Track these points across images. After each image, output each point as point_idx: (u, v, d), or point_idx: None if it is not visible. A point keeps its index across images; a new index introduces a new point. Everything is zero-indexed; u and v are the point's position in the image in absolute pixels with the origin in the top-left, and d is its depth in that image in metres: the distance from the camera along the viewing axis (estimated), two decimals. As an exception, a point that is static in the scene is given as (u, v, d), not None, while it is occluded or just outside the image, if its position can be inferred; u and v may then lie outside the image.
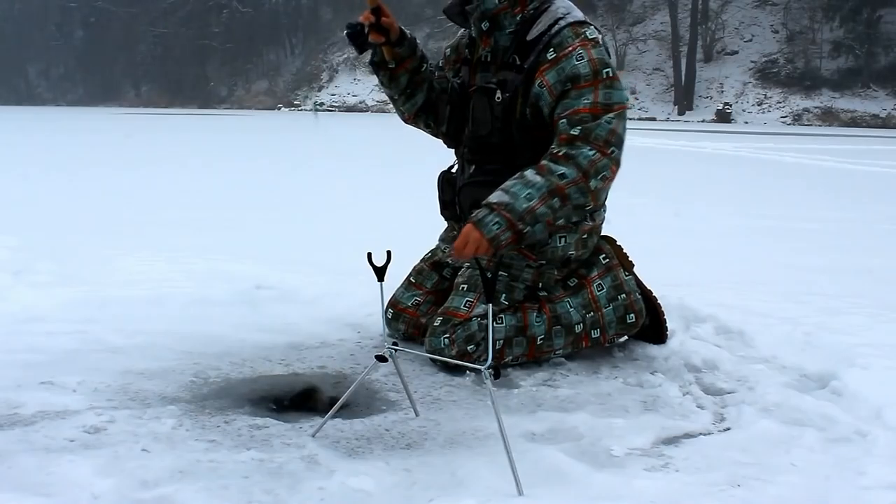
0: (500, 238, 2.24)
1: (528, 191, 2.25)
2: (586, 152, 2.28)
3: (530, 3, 2.45)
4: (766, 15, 46.62)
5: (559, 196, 2.27)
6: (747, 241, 5.34)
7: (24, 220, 5.49)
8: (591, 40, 2.36)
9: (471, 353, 2.40)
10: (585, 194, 2.30)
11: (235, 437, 1.88)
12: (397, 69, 2.62)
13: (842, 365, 2.34)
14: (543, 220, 2.27)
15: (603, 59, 2.35)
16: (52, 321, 2.78)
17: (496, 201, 2.25)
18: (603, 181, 2.32)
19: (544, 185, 2.26)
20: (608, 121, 2.31)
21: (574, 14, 2.43)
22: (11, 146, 14.87)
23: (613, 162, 2.32)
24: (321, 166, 11.42)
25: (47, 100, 70.46)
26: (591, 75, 2.32)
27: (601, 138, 2.29)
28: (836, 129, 32.55)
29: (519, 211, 2.23)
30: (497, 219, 2.23)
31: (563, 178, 2.27)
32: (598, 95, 2.31)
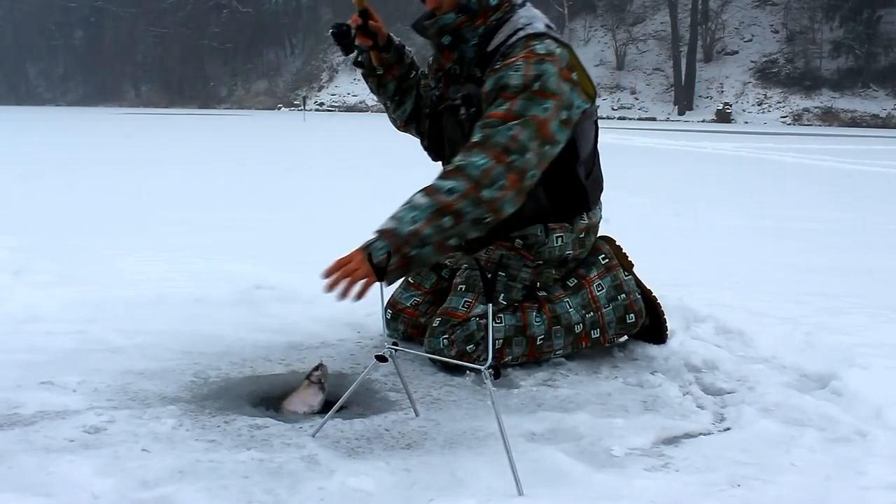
0: (388, 263, 2.05)
1: (413, 213, 2.10)
2: (477, 161, 2.15)
3: (492, 13, 2.40)
4: (766, 15, 46.62)
5: (450, 214, 2.11)
6: (747, 241, 5.34)
7: (24, 220, 5.49)
8: (538, 55, 2.27)
9: (470, 353, 2.40)
10: (479, 206, 2.13)
11: (235, 437, 1.88)
12: (385, 76, 2.62)
13: (842, 365, 2.34)
14: (432, 241, 2.10)
15: (539, 74, 2.24)
16: (52, 321, 2.78)
17: (381, 228, 2.12)
18: (500, 190, 2.15)
19: (430, 206, 2.10)
20: (510, 127, 2.18)
21: (534, 25, 2.36)
22: (11, 146, 14.87)
23: (513, 171, 2.16)
24: (321, 166, 11.42)
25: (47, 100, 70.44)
26: (518, 87, 2.24)
27: (499, 145, 2.17)
28: (836, 129, 32.55)
29: (403, 235, 2.07)
30: (384, 243, 2.06)
31: (451, 193, 2.12)
32: (514, 104, 2.23)
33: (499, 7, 2.40)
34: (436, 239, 2.11)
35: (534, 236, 2.45)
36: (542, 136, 2.22)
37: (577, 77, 2.36)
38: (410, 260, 2.10)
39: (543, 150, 2.23)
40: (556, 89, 2.25)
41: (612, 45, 47.96)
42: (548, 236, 2.45)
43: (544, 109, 2.23)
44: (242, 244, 4.53)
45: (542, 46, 2.30)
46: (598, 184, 2.57)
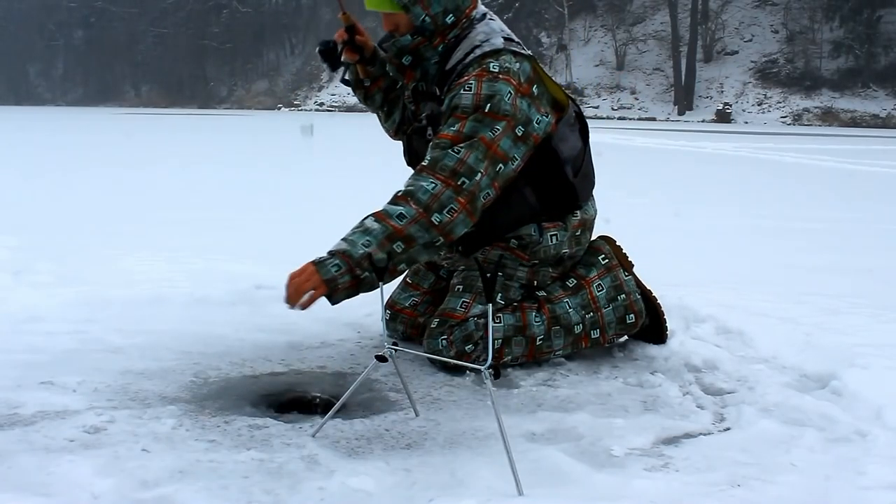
0: (338, 280, 2.11)
1: (365, 238, 2.14)
2: (426, 186, 2.19)
3: (450, 31, 2.39)
4: (766, 15, 46.62)
5: (401, 239, 2.16)
6: (747, 241, 5.34)
7: (24, 220, 5.49)
8: (491, 73, 2.26)
9: (469, 354, 2.40)
10: (429, 230, 2.17)
11: (235, 437, 1.88)
12: (371, 87, 2.64)
13: (842, 365, 2.34)
14: (382, 264, 2.13)
15: (491, 94, 2.24)
16: (52, 321, 2.78)
17: (336, 248, 2.15)
18: (450, 214, 2.18)
19: (381, 232, 2.15)
20: (458, 150, 2.21)
21: (492, 41, 2.33)
22: (11, 146, 14.87)
23: (461, 194, 2.19)
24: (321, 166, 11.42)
25: (47, 100, 70.45)
26: (469, 108, 2.24)
27: (447, 168, 2.20)
28: (836, 129, 32.55)
29: (356, 258, 2.12)
30: (337, 262, 2.11)
31: (401, 219, 2.16)
32: (464, 125, 2.24)
33: (456, 24, 2.39)
34: (387, 263, 2.15)
35: (528, 236, 2.45)
36: (493, 156, 2.25)
37: (538, 90, 2.37)
38: (360, 282, 2.15)
39: (496, 169, 2.26)
40: (509, 110, 2.26)
41: (612, 45, 47.96)
42: (542, 235, 2.45)
43: (493, 130, 2.24)
44: (242, 244, 4.53)
45: (497, 64, 2.29)
46: (589, 180, 2.57)
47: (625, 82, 46.22)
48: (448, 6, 2.36)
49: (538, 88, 2.37)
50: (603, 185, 2.97)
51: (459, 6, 2.38)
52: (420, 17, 2.35)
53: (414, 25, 2.37)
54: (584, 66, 47.55)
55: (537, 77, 2.39)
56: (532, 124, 2.33)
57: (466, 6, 2.40)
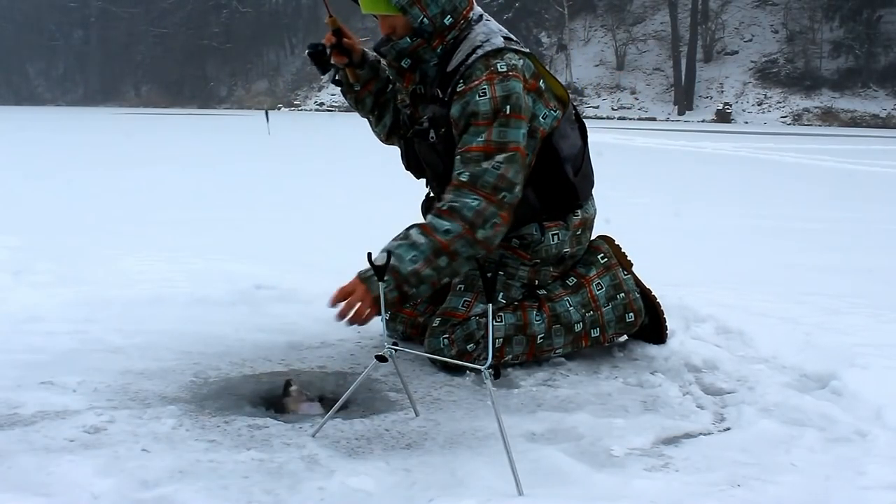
0: (387, 297, 2.14)
1: (413, 253, 2.18)
2: (471, 203, 2.22)
3: (448, 33, 2.38)
4: (766, 15, 46.61)
5: (446, 254, 2.20)
6: (747, 241, 5.34)
7: (24, 220, 5.49)
8: (500, 73, 2.27)
9: (470, 353, 2.40)
10: (474, 245, 2.22)
11: (235, 437, 1.88)
12: (361, 91, 2.64)
13: (842, 365, 2.34)
14: (429, 280, 2.20)
15: (507, 94, 2.26)
16: (52, 321, 2.78)
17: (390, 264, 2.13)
18: (493, 228, 2.24)
19: (429, 247, 2.18)
20: (496, 166, 2.23)
21: (492, 41, 2.34)
22: (11, 146, 14.87)
23: (503, 208, 2.25)
24: (321, 166, 11.42)
25: (47, 100, 70.46)
26: (489, 113, 2.25)
27: (489, 185, 2.23)
28: (836, 129, 32.55)
29: (404, 274, 2.16)
30: (387, 277, 2.10)
31: (447, 234, 2.20)
32: (491, 133, 2.25)
33: (454, 25, 2.38)
34: (433, 278, 2.22)
35: (529, 236, 2.46)
36: (523, 161, 2.29)
37: (543, 85, 2.38)
38: (407, 296, 2.22)
39: (524, 171, 2.31)
40: (524, 107, 2.29)
41: (612, 45, 47.95)
42: (543, 234, 2.46)
43: (520, 134, 2.27)
44: (242, 244, 4.53)
45: (503, 63, 2.30)
46: (588, 179, 2.57)
47: (625, 82, 46.22)
48: (446, 7, 2.35)
49: (544, 83, 2.39)
50: (603, 185, 2.97)
51: (457, 7, 2.38)
52: (418, 19, 2.34)
53: (412, 27, 2.36)
54: (584, 66, 47.55)
55: (541, 72, 2.40)
56: (538, 119, 2.35)
57: (464, 7, 2.40)
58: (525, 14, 46.19)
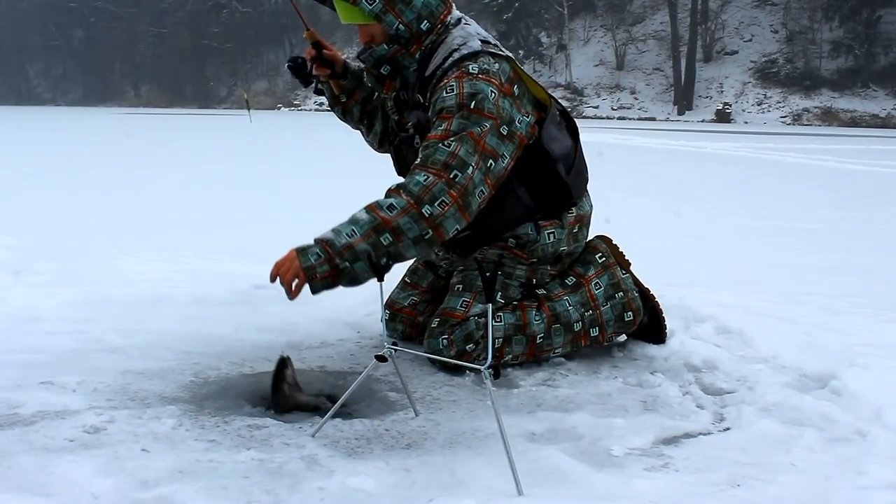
0: (317, 269, 2.10)
1: (350, 227, 2.13)
2: (418, 178, 2.17)
3: (426, 38, 2.38)
4: (765, 15, 46.60)
5: (388, 230, 2.13)
6: (747, 241, 5.34)
7: (24, 220, 5.49)
8: (470, 74, 2.26)
9: (470, 353, 2.40)
10: (418, 222, 2.14)
11: (235, 437, 1.88)
12: (348, 102, 2.65)
13: (842, 365, 2.34)
14: (365, 257, 2.11)
15: (474, 93, 2.24)
16: (52, 321, 2.78)
17: (320, 236, 2.15)
18: (441, 206, 2.15)
19: (368, 222, 2.13)
20: (448, 144, 2.20)
21: (469, 45, 2.33)
22: (11, 146, 14.87)
23: (454, 187, 2.17)
24: (321, 166, 11.42)
25: (47, 100, 70.42)
26: (453, 107, 2.24)
27: (439, 162, 2.18)
28: (836, 129, 32.54)
29: (338, 247, 2.11)
30: (317, 250, 2.11)
31: (391, 210, 2.14)
32: (451, 124, 2.23)
33: (432, 30, 2.38)
34: (370, 254, 2.12)
35: (525, 235, 2.46)
36: (483, 152, 2.23)
37: (519, 90, 2.36)
38: (339, 272, 2.12)
39: (487, 165, 2.24)
40: (493, 109, 2.26)
41: (611, 45, 47.94)
42: (539, 234, 2.46)
43: (480, 126, 2.23)
44: (242, 244, 4.53)
45: (476, 66, 2.28)
46: (582, 176, 2.57)
47: (625, 82, 46.20)
48: (422, 13, 2.35)
49: (519, 88, 2.37)
50: (603, 185, 2.97)
51: (433, 12, 2.37)
52: (394, 26, 2.34)
53: (389, 35, 2.36)
54: (583, 66, 47.54)
55: (517, 77, 2.38)
56: (515, 124, 2.32)
57: (441, 12, 2.38)
58: (525, 14, 46.16)
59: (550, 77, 47.22)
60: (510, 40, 44.87)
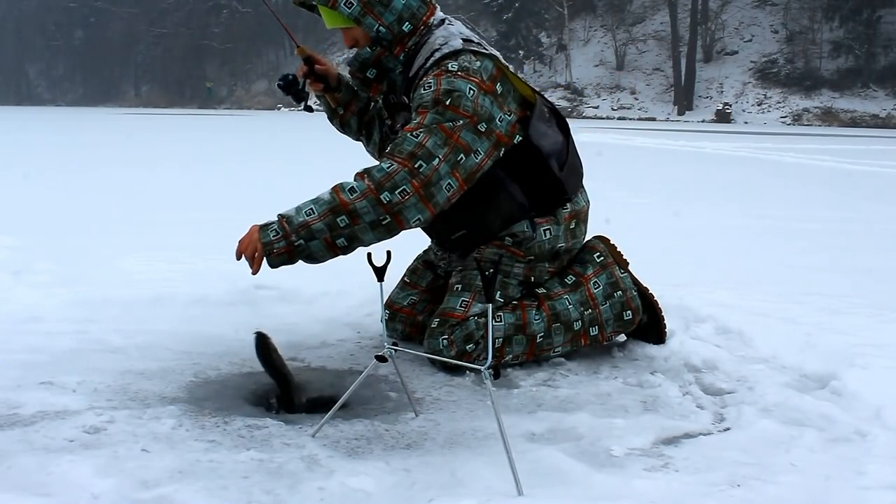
0: (274, 245, 2.18)
1: (310, 206, 2.19)
2: (382, 165, 2.20)
3: (409, 39, 2.38)
4: (765, 15, 46.60)
5: (346, 213, 2.17)
6: (747, 241, 5.33)
7: (24, 220, 5.49)
8: (449, 72, 2.26)
9: (470, 353, 2.40)
10: (375, 207, 2.16)
11: (235, 437, 1.88)
12: (345, 114, 2.66)
13: (842, 365, 2.34)
14: (321, 236, 2.17)
15: (450, 90, 2.23)
16: (52, 321, 2.78)
17: (282, 212, 2.23)
18: (401, 195, 2.17)
19: (328, 202, 2.18)
20: (416, 135, 2.21)
21: (451, 44, 2.32)
22: (11, 146, 14.87)
23: (416, 176, 2.18)
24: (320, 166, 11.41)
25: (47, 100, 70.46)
26: (429, 103, 2.25)
27: (406, 151, 2.20)
28: (836, 129, 32.54)
29: (294, 224, 2.18)
30: (276, 226, 2.20)
31: (351, 192, 2.18)
32: (425, 118, 2.24)
33: (414, 31, 2.38)
34: (325, 235, 2.18)
35: (521, 233, 2.46)
36: (455, 145, 2.23)
37: (502, 88, 2.35)
38: (295, 249, 2.19)
39: (457, 158, 2.24)
40: (469, 107, 2.25)
41: (611, 45, 47.93)
42: (535, 231, 2.46)
43: (454, 121, 2.23)
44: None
45: (456, 64, 2.28)
46: (575, 171, 2.56)
47: (625, 82, 46.19)
48: (402, 14, 2.35)
49: (503, 86, 2.36)
50: (603, 185, 2.97)
51: (415, 14, 2.36)
52: (374, 28, 2.34)
53: (371, 37, 2.36)
54: (583, 66, 47.53)
55: (501, 75, 2.37)
56: (495, 121, 2.31)
57: (423, 13, 2.38)
58: (525, 14, 46.15)
59: (550, 77, 47.23)
60: (510, 40, 44.89)
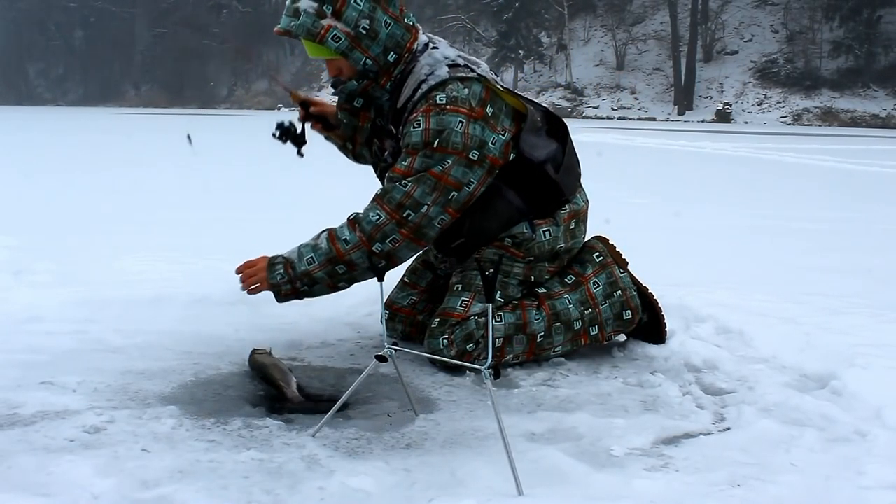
0: (281, 287, 2.36)
1: (311, 255, 2.33)
2: (371, 216, 2.29)
3: (395, 68, 2.37)
4: (765, 15, 46.60)
5: (343, 262, 2.31)
6: (747, 241, 5.33)
7: (24, 220, 5.49)
8: (438, 106, 2.25)
9: (470, 353, 2.40)
10: (370, 258, 2.29)
11: (235, 437, 1.88)
12: (355, 147, 2.65)
13: (842, 365, 2.34)
14: (323, 283, 2.34)
15: (440, 129, 2.24)
16: (52, 321, 2.78)
17: (287, 255, 2.37)
18: (392, 244, 2.29)
19: (325, 252, 2.31)
20: (405, 184, 2.26)
21: (437, 73, 2.31)
22: (11, 146, 14.87)
23: (405, 225, 2.28)
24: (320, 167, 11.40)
25: (47, 100, 70.42)
26: (419, 144, 2.26)
27: (394, 201, 2.27)
28: (836, 129, 32.54)
29: (298, 272, 2.33)
30: (281, 271, 2.34)
31: (346, 243, 2.30)
32: (414, 161, 2.27)
33: (399, 60, 2.37)
34: (327, 281, 2.35)
35: (521, 234, 2.46)
36: (444, 187, 2.28)
37: (493, 109, 2.35)
38: (300, 293, 2.38)
39: (448, 197, 2.29)
40: (459, 142, 2.26)
41: (611, 45, 47.94)
42: (535, 232, 2.46)
43: (443, 164, 2.26)
44: (242, 244, 4.52)
45: (444, 96, 2.28)
46: (573, 172, 2.56)
47: (625, 82, 46.20)
48: (388, 44, 2.33)
49: (492, 107, 2.35)
50: (603, 185, 2.97)
51: (399, 42, 2.35)
52: (361, 61, 2.33)
53: (357, 69, 2.35)
54: (584, 66, 47.54)
55: (491, 95, 2.36)
56: (487, 146, 2.31)
57: (407, 41, 2.37)
58: (525, 14, 46.14)
59: (550, 77, 47.24)
60: (510, 40, 44.90)
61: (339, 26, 2.28)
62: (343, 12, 2.27)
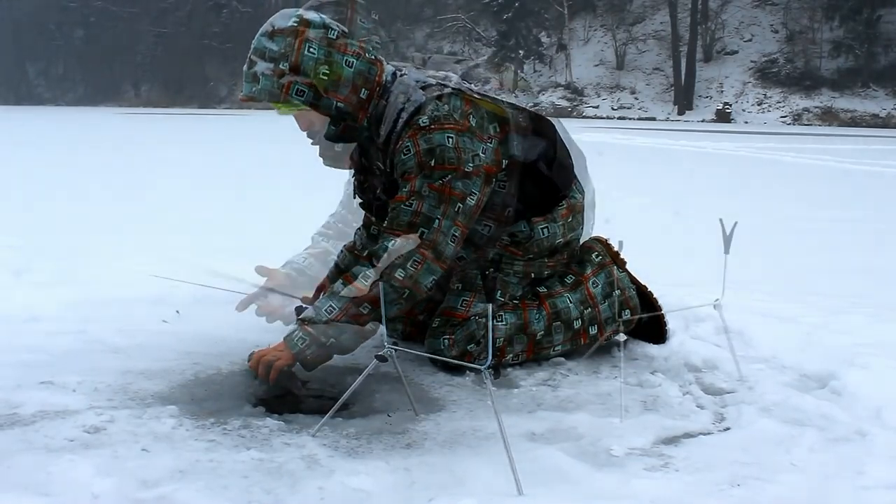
0: (306, 352, 2.17)
1: (329, 303, 2.18)
2: (385, 244, 2.20)
3: (369, 104, 2.32)
4: (765, 15, 46.59)
5: (366, 300, 2.18)
6: (747, 241, 5.32)
7: (25, 219, 5.49)
8: (422, 128, 2.23)
9: (471, 353, 2.40)
10: (397, 289, 2.18)
11: (235, 436, 1.88)
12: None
13: (842, 365, 2.34)
14: (350, 330, 2.20)
15: (431, 147, 2.22)
16: (52, 321, 2.78)
17: (303, 316, 2.21)
18: (415, 267, 2.18)
19: (346, 296, 2.19)
20: (409, 204, 2.21)
21: (413, 99, 2.28)
22: (11, 146, 14.87)
23: (425, 244, 2.19)
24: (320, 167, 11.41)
25: (47, 99, 70.40)
26: (414, 168, 2.23)
27: (404, 223, 2.21)
28: (836, 129, 32.53)
29: (321, 326, 2.18)
30: (301, 334, 2.17)
31: (365, 279, 2.20)
32: (414, 184, 2.23)
33: (371, 95, 2.32)
34: (354, 327, 2.20)
35: (519, 233, 2.46)
36: (448, 198, 2.23)
37: (476, 120, 2.33)
38: (328, 348, 2.20)
39: (455, 209, 2.24)
40: (453, 156, 2.24)
41: (611, 45, 47.92)
42: (533, 230, 2.46)
43: (442, 178, 2.23)
44: (242, 244, 4.53)
45: (426, 118, 2.25)
46: (566, 167, 2.55)
47: (625, 82, 46.18)
48: (356, 82, 2.28)
49: (475, 116, 2.34)
50: (603, 184, 2.97)
51: (367, 78, 2.30)
52: (332, 107, 2.27)
53: (331, 115, 2.30)
54: (583, 65, 47.52)
55: (471, 105, 2.35)
56: (479, 156, 2.30)
57: (375, 74, 2.32)
58: (525, 14, 46.12)
59: (550, 77, 47.23)
60: (510, 40, 44.88)
61: (300, 80, 2.21)
62: (300, 65, 2.21)
